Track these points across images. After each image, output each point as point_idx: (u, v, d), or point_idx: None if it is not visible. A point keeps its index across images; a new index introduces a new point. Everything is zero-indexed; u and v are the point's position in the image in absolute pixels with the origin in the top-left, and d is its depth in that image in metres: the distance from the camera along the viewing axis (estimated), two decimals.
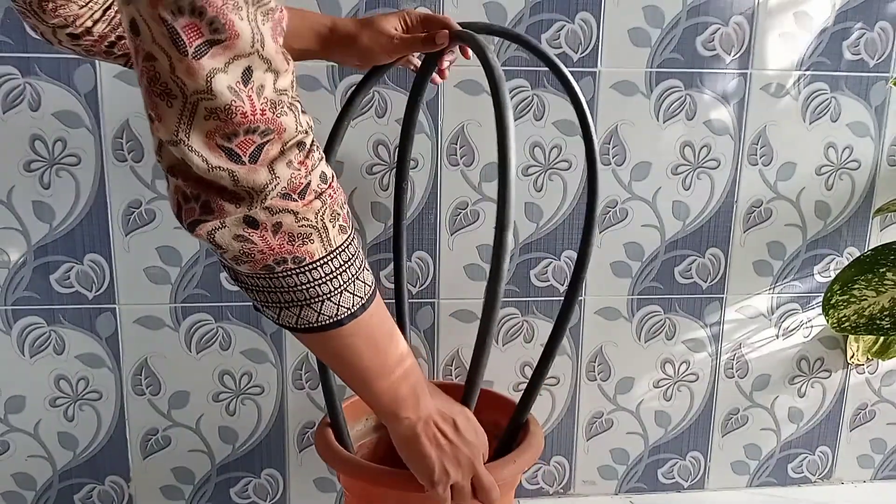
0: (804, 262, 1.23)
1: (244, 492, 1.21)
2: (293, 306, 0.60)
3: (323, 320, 0.61)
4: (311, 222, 0.57)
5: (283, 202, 0.55)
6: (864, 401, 1.31)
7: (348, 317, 0.62)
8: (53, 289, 1.10)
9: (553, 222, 1.16)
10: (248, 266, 0.57)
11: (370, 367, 0.68)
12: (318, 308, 0.60)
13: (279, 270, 0.57)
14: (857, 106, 1.17)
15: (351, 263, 0.61)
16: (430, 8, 1.06)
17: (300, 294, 0.59)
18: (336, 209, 0.59)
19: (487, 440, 0.81)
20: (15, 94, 1.03)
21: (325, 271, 0.59)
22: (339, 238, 0.59)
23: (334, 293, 0.60)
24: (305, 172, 0.55)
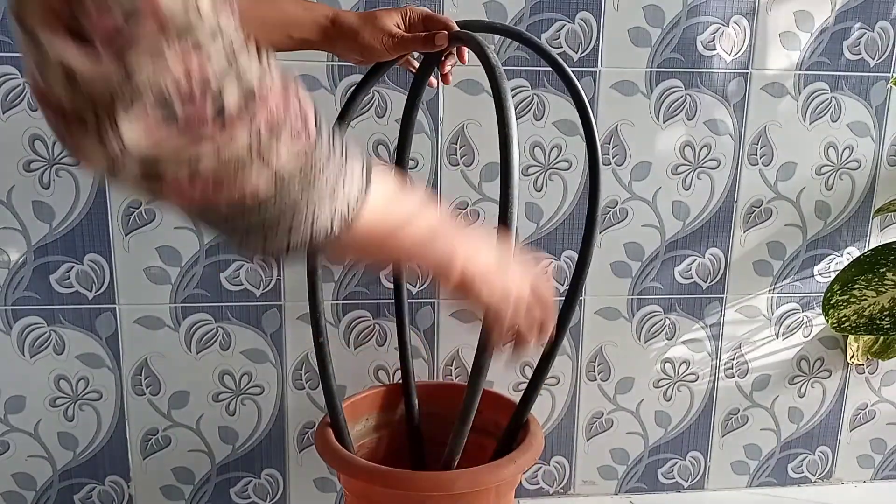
0: (804, 262, 1.23)
1: (244, 492, 1.21)
2: (273, 235, 0.47)
3: (316, 235, 0.48)
4: (240, 156, 0.42)
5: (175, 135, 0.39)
6: (863, 401, 1.31)
7: (344, 227, 0.49)
8: (53, 289, 1.10)
9: (553, 222, 1.16)
10: (171, 209, 0.44)
11: (401, 253, 0.57)
12: (303, 231, 0.47)
13: (225, 212, 0.44)
14: (857, 106, 1.17)
15: (324, 168, 0.46)
16: (430, 7, 1.06)
17: (270, 229, 0.46)
18: (276, 124, 0.43)
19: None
20: (15, 94, 1.03)
21: (292, 198, 0.45)
22: (287, 157, 0.44)
23: (318, 211, 0.47)
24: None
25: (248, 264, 1.12)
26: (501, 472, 0.87)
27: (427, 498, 0.85)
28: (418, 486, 0.84)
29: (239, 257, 1.12)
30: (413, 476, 0.85)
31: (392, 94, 1.09)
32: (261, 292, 1.14)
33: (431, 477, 0.86)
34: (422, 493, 0.84)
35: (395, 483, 0.85)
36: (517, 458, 0.89)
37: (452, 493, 0.85)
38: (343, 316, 1.16)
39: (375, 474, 0.87)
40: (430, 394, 1.12)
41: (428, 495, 0.84)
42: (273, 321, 1.15)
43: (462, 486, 0.85)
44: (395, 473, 0.86)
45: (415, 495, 0.85)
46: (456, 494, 0.85)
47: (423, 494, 0.84)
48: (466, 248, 0.63)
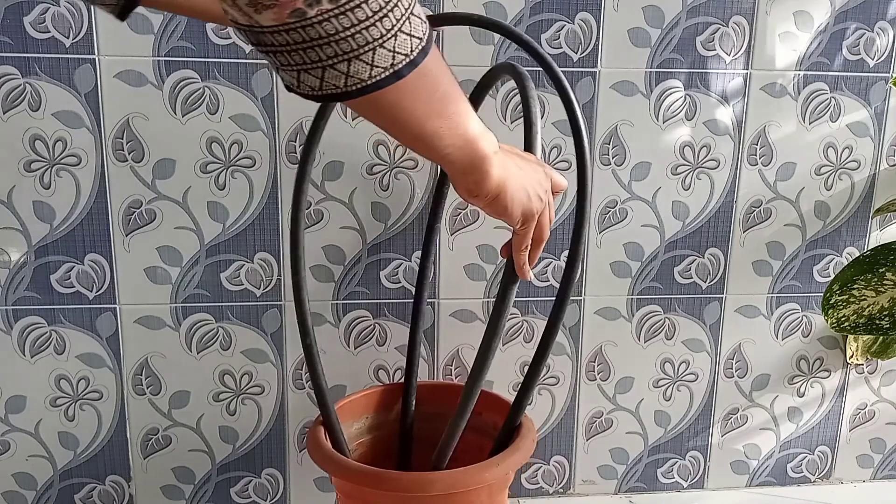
0: (804, 262, 1.23)
1: (244, 491, 1.21)
2: (338, 62, 0.48)
3: (377, 74, 0.49)
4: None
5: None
6: (863, 400, 1.31)
7: (407, 66, 0.50)
8: (54, 289, 1.10)
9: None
10: (272, 13, 0.45)
11: (439, 122, 0.57)
12: (369, 59, 0.48)
13: (313, 15, 0.45)
14: (856, 106, 1.17)
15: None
16: (429, 8, 1.06)
17: (344, 44, 0.47)
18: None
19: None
20: (15, 95, 1.03)
21: (372, 9, 0.46)
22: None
23: (387, 37, 0.48)
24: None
25: (248, 264, 1.13)
26: (483, 475, 0.86)
27: (409, 498, 0.84)
28: (398, 485, 0.84)
29: (239, 257, 1.12)
30: (393, 476, 0.85)
31: None
32: (261, 292, 1.14)
33: (411, 477, 0.86)
34: (401, 493, 0.83)
35: (376, 482, 0.85)
36: (501, 462, 0.88)
37: (433, 495, 0.85)
38: (343, 316, 1.16)
39: (357, 473, 0.87)
40: (431, 394, 1.12)
41: (407, 495, 0.84)
42: (273, 321, 1.15)
43: (442, 488, 0.84)
44: (375, 473, 0.86)
45: (394, 495, 0.85)
46: (439, 496, 0.85)
47: (402, 494, 0.84)
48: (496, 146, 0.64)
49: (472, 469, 0.86)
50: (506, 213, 0.69)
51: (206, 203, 1.10)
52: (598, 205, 1.16)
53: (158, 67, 1.04)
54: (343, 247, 1.14)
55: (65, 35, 1.02)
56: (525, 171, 0.69)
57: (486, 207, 0.68)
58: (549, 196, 0.73)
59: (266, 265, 1.13)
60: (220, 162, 1.09)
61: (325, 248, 1.14)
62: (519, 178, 0.68)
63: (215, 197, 1.10)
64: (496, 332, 0.79)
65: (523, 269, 0.76)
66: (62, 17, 1.01)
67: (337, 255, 1.14)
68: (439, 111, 0.56)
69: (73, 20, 1.01)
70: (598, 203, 1.16)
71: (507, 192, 0.67)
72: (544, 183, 0.71)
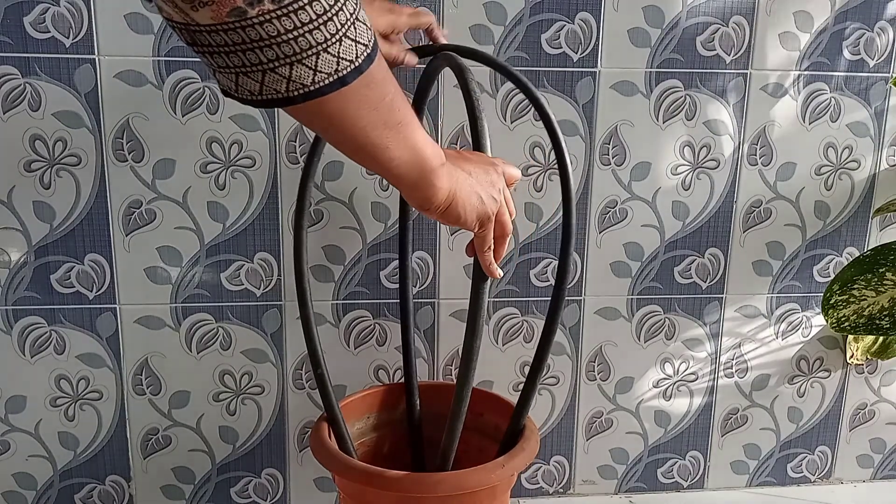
0: (804, 262, 1.23)
1: (244, 491, 1.21)
2: (280, 65, 0.46)
3: (321, 80, 0.48)
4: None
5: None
6: (863, 400, 1.31)
7: (353, 72, 0.49)
8: (54, 289, 1.10)
9: (553, 222, 1.16)
10: (209, 11, 0.43)
11: (385, 133, 0.55)
12: (313, 64, 0.47)
13: (253, 15, 0.44)
14: (856, 106, 1.17)
15: (339, 6, 0.46)
16: (430, 7, 1.06)
17: (287, 47, 0.45)
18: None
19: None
20: (15, 95, 1.03)
21: (316, 11, 0.45)
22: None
23: (331, 41, 0.46)
24: None
25: (248, 264, 1.13)
26: (487, 476, 0.86)
27: (414, 499, 0.84)
28: (402, 486, 0.84)
29: (239, 257, 1.12)
30: (397, 476, 0.85)
31: None
32: (261, 292, 1.14)
33: (416, 478, 0.86)
34: (406, 493, 0.83)
35: (381, 483, 0.85)
36: (505, 463, 0.88)
37: (438, 496, 0.85)
38: (343, 316, 1.16)
39: (362, 473, 0.87)
40: (433, 394, 1.12)
41: (412, 496, 0.84)
42: (273, 321, 1.15)
43: (447, 489, 0.84)
44: (379, 473, 0.86)
45: (398, 495, 0.85)
46: (444, 497, 0.85)
47: (407, 495, 0.83)
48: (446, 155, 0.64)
49: (477, 470, 0.86)
50: (459, 221, 0.68)
51: (206, 203, 1.10)
52: (597, 205, 1.16)
53: (158, 67, 1.04)
54: (343, 247, 1.14)
55: (65, 35, 1.02)
56: (475, 174, 0.69)
57: (439, 218, 0.68)
58: (504, 192, 0.72)
59: (266, 265, 1.13)
60: (220, 162, 1.09)
61: (325, 248, 1.14)
62: (469, 185, 0.67)
63: (215, 197, 1.10)
64: (475, 333, 0.78)
65: (491, 269, 0.76)
66: (62, 17, 1.01)
67: (337, 255, 1.14)
68: (385, 121, 0.54)
69: (73, 20, 1.01)
70: (598, 203, 1.16)
71: (458, 202, 0.66)
72: (497, 182, 0.71)
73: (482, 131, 0.76)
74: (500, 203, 0.71)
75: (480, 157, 0.72)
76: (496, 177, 0.71)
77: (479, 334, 0.79)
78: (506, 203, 0.73)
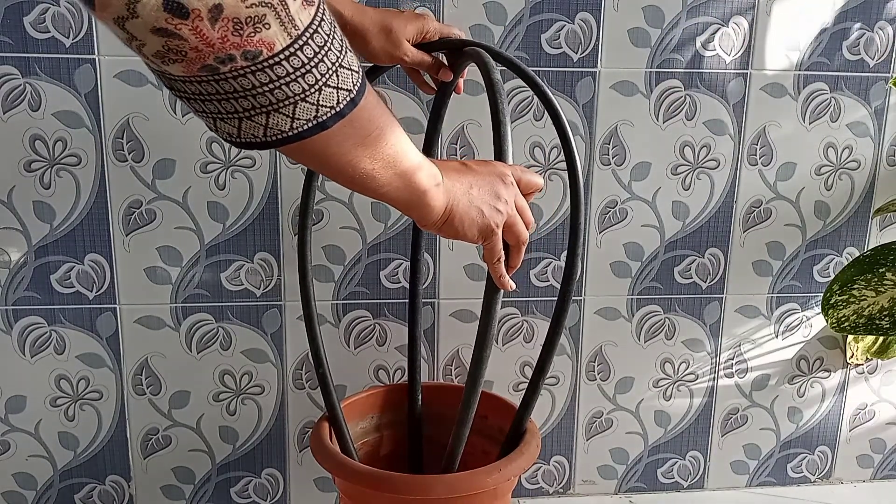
0: (804, 262, 1.23)
1: (244, 491, 1.21)
2: (256, 114, 0.46)
3: (299, 126, 0.48)
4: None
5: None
6: (863, 400, 1.31)
7: (333, 117, 0.48)
8: (54, 289, 1.10)
9: (553, 222, 1.16)
10: (180, 67, 0.42)
11: (373, 165, 0.55)
12: (290, 112, 0.46)
13: (226, 71, 0.43)
14: (856, 106, 1.17)
15: (328, 48, 0.46)
16: (429, 7, 1.06)
17: (263, 98, 0.45)
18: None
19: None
20: (15, 95, 1.03)
21: (294, 65, 0.44)
22: (304, 15, 0.44)
23: (310, 91, 0.46)
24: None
25: (248, 264, 1.13)
26: (483, 480, 0.85)
27: (410, 501, 0.84)
28: (398, 488, 0.84)
29: (239, 257, 1.12)
30: (394, 478, 0.85)
31: (392, 95, 1.09)
32: (261, 292, 1.14)
33: (412, 480, 0.86)
34: (402, 495, 0.83)
35: (377, 484, 0.85)
36: (502, 468, 0.87)
37: (433, 498, 0.84)
38: (343, 316, 1.16)
39: (358, 474, 0.87)
40: (434, 394, 1.12)
41: (408, 498, 0.84)
42: (273, 321, 1.15)
43: (442, 492, 0.84)
44: (377, 474, 0.85)
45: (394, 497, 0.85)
46: (440, 499, 0.84)
47: (403, 497, 0.83)
48: (448, 178, 0.64)
49: (474, 473, 0.85)
50: (458, 235, 0.68)
51: (206, 203, 1.10)
52: (598, 205, 1.17)
53: None
54: (343, 247, 1.14)
55: (65, 35, 1.02)
56: (477, 187, 0.68)
57: (438, 233, 0.68)
58: (514, 203, 0.71)
59: (266, 265, 1.13)
60: (220, 162, 1.09)
61: (325, 248, 1.14)
62: (469, 199, 0.67)
63: (215, 197, 1.10)
64: (485, 344, 0.78)
65: (502, 281, 0.75)
66: (62, 17, 1.01)
67: (337, 255, 1.14)
68: (372, 154, 0.54)
69: (73, 20, 1.01)
70: (598, 203, 1.16)
71: (455, 217, 0.66)
72: (504, 193, 0.70)
73: (504, 136, 0.75)
74: (508, 214, 0.70)
75: (488, 167, 0.71)
76: (503, 188, 0.70)
77: (489, 345, 0.78)
78: (521, 213, 0.72)
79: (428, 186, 0.62)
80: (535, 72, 1.10)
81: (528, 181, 0.73)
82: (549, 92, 0.86)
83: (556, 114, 0.85)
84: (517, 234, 0.72)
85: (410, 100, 1.09)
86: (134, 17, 0.39)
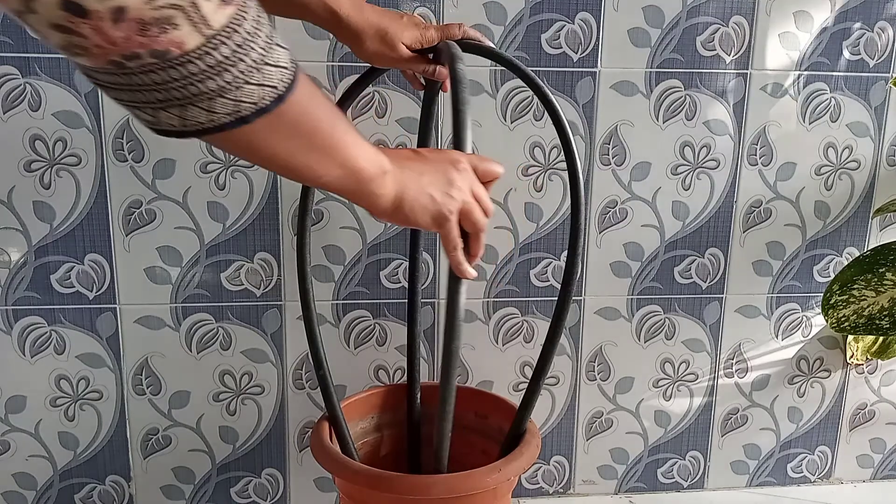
0: (804, 263, 1.23)
1: (244, 491, 1.21)
2: (171, 106, 0.45)
3: (218, 120, 0.47)
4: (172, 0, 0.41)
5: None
6: (863, 400, 1.31)
7: (255, 113, 0.48)
8: (54, 289, 1.10)
9: (553, 222, 1.16)
10: (87, 60, 0.42)
11: (308, 157, 0.55)
12: (206, 107, 0.46)
13: (133, 66, 0.42)
14: (856, 106, 1.17)
15: (248, 47, 0.45)
16: (429, 8, 1.06)
17: (177, 93, 0.44)
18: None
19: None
20: (15, 95, 1.03)
21: (208, 63, 0.44)
22: (219, 16, 0.43)
23: (227, 88, 0.45)
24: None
25: (248, 264, 1.13)
26: (481, 481, 0.85)
27: (408, 501, 0.84)
28: (396, 487, 0.84)
29: (239, 257, 1.12)
30: (391, 477, 0.85)
31: (392, 94, 1.09)
32: (261, 292, 1.14)
33: (409, 480, 0.86)
34: (399, 495, 0.83)
35: (375, 484, 0.85)
36: (501, 468, 0.87)
37: (431, 498, 0.84)
38: (343, 316, 1.16)
39: (356, 473, 0.87)
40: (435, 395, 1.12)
41: (406, 498, 0.83)
42: (273, 321, 1.15)
43: (439, 492, 0.84)
44: (375, 474, 0.85)
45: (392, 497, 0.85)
46: (438, 499, 0.84)
47: (400, 497, 0.83)
48: (396, 166, 0.64)
49: (472, 473, 0.85)
50: (409, 222, 0.67)
51: (206, 203, 1.10)
52: (597, 205, 1.17)
53: None
54: (343, 247, 1.14)
55: None
56: (429, 174, 0.67)
57: (388, 220, 0.67)
58: (469, 190, 0.70)
59: (266, 265, 1.13)
60: (220, 162, 1.09)
61: (325, 248, 1.14)
62: (419, 185, 0.66)
63: (215, 197, 1.10)
64: (453, 334, 0.77)
65: (461, 269, 0.73)
66: None
67: (337, 255, 1.14)
68: (307, 147, 0.54)
69: None
70: (598, 203, 1.16)
71: (405, 204, 0.65)
72: (457, 179, 0.69)
73: (463, 124, 0.75)
74: (463, 201, 0.69)
75: (441, 155, 0.70)
76: (456, 174, 0.69)
77: (457, 336, 0.77)
78: (479, 200, 0.71)
79: (374, 175, 0.61)
80: (535, 72, 1.10)
81: (485, 169, 0.73)
82: (549, 92, 0.86)
83: (556, 114, 0.85)
84: (474, 220, 0.71)
85: (410, 100, 1.09)
86: (31, 12, 0.39)
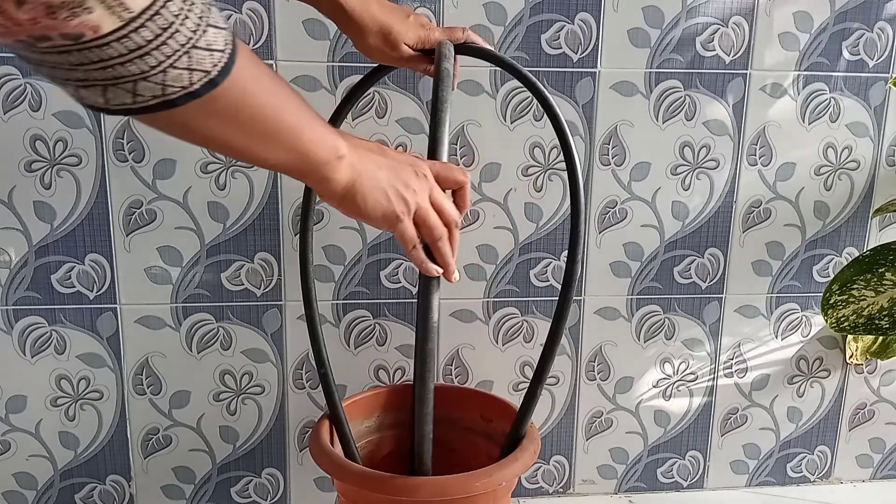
0: (803, 262, 1.23)
1: (245, 491, 1.22)
2: (91, 85, 0.43)
3: (143, 102, 0.45)
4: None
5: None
6: (862, 400, 1.31)
7: (185, 97, 0.46)
8: (54, 289, 1.10)
9: (553, 222, 1.16)
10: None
11: (251, 141, 0.53)
12: (130, 89, 0.44)
13: (45, 46, 0.41)
14: (856, 106, 1.17)
15: (174, 30, 0.43)
16: (429, 8, 1.06)
17: (96, 74, 0.43)
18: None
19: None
20: (16, 95, 1.03)
21: (128, 47, 0.42)
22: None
23: (151, 72, 0.43)
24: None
25: (248, 264, 1.13)
26: (473, 484, 0.84)
27: (398, 502, 0.84)
28: (386, 488, 0.83)
29: (240, 257, 1.12)
30: (382, 478, 0.84)
31: (392, 95, 1.09)
32: (262, 292, 1.14)
33: (399, 480, 0.85)
34: (389, 495, 0.83)
35: (368, 483, 0.85)
36: (493, 473, 0.86)
37: (418, 500, 0.84)
38: (343, 316, 1.16)
39: (349, 473, 0.87)
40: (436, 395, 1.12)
41: (395, 499, 0.83)
42: (274, 321, 1.15)
43: (427, 494, 0.83)
44: (368, 474, 0.85)
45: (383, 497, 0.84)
46: (426, 501, 0.84)
47: (390, 497, 0.83)
48: (351, 150, 0.62)
49: (460, 477, 0.85)
50: (361, 213, 0.65)
51: (207, 203, 1.10)
52: (597, 205, 1.17)
53: None
54: (343, 247, 1.14)
55: None
56: (387, 170, 0.65)
57: (338, 207, 0.66)
58: (426, 196, 0.68)
59: (266, 265, 1.13)
60: (221, 162, 1.09)
61: (325, 248, 1.14)
62: (376, 179, 0.64)
63: (215, 197, 1.10)
64: (427, 335, 0.76)
65: (425, 267, 0.71)
66: None
67: (337, 255, 1.14)
68: (248, 131, 0.53)
69: None
70: (598, 203, 1.17)
71: (358, 194, 0.64)
72: (413, 182, 0.67)
73: (441, 123, 0.74)
74: (418, 205, 0.67)
75: (403, 156, 0.69)
76: (413, 178, 0.67)
77: (431, 337, 0.76)
78: (438, 208, 0.69)
79: (326, 159, 0.60)
80: (534, 72, 1.10)
81: (447, 176, 0.72)
82: (550, 97, 0.86)
83: (558, 119, 0.85)
84: (430, 228, 0.69)
85: (410, 100, 1.10)
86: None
